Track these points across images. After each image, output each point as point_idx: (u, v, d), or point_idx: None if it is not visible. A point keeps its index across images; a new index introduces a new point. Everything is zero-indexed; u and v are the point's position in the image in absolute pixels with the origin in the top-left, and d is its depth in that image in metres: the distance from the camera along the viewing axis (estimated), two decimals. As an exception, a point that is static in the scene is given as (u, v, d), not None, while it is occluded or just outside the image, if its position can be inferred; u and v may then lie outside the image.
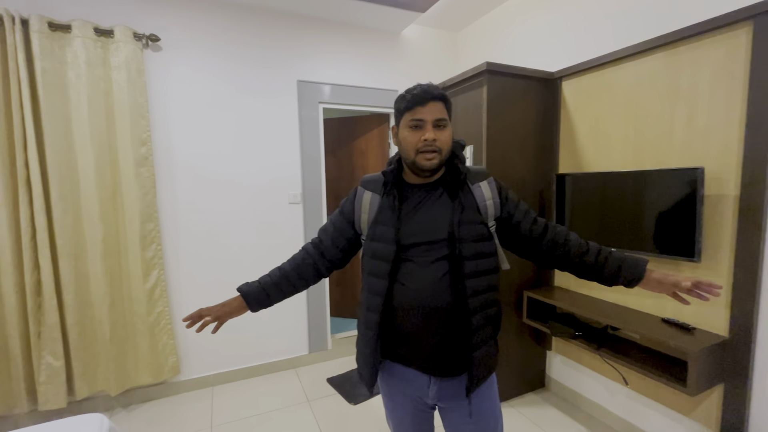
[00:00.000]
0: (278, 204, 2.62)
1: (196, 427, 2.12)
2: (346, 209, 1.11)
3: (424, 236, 0.96)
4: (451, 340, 0.97)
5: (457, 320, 0.95)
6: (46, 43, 1.94)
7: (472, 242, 0.95)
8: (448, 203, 0.98)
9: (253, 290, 1.09)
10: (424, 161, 0.95)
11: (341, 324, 3.30)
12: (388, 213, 1.01)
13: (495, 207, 1.01)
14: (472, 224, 0.97)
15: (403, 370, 1.04)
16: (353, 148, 3.24)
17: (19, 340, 2.00)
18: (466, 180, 1.01)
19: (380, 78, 2.85)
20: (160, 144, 2.29)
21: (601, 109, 1.94)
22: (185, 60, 2.31)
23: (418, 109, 0.93)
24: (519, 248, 1.06)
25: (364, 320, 1.05)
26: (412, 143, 0.95)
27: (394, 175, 1.03)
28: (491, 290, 1.00)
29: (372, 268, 1.01)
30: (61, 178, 2.02)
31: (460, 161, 1.02)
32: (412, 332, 0.97)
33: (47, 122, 1.97)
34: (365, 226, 1.06)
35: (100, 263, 2.12)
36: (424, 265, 0.95)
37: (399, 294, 0.97)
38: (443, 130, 0.95)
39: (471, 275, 0.94)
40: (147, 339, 2.27)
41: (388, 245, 0.98)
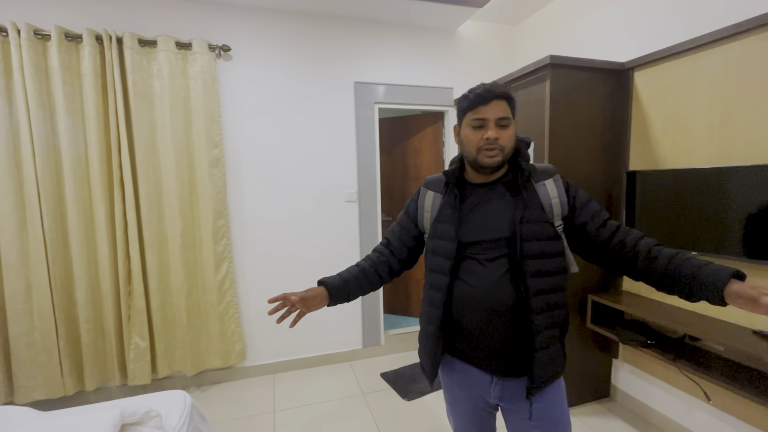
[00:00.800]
0: (335, 202, 2.72)
1: (260, 410, 2.27)
2: (410, 209, 1.16)
3: (485, 234, 0.97)
4: (513, 340, 0.96)
5: (519, 320, 0.94)
6: (136, 58, 2.18)
7: (535, 241, 0.94)
8: (511, 201, 0.98)
9: (335, 283, 1.11)
10: (486, 158, 0.95)
11: (393, 321, 3.34)
12: (448, 211, 1.03)
13: (561, 206, 0.99)
14: (536, 222, 0.95)
15: (464, 366, 1.05)
16: (407, 146, 3.26)
17: (113, 321, 2.27)
18: (530, 178, 0.99)
19: (435, 76, 2.85)
20: (230, 146, 2.48)
21: (681, 101, 1.79)
22: (252, 66, 2.47)
23: (481, 108, 0.94)
24: (586, 251, 1.01)
25: (426, 315, 1.07)
26: (474, 142, 0.96)
27: (455, 175, 1.05)
28: (556, 291, 0.97)
29: (434, 265, 1.05)
30: (147, 178, 2.25)
31: (523, 159, 1.00)
32: (472, 329, 0.98)
33: (137, 129, 2.21)
34: (428, 225, 1.09)
35: (179, 255, 2.33)
36: (485, 262, 0.96)
37: (460, 290, 0.98)
38: (506, 129, 0.95)
39: (533, 274, 0.93)
40: (217, 326, 2.47)
41: (448, 242, 1.00)
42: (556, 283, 0.97)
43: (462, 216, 1.01)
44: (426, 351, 1.09)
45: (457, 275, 0.99)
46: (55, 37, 2.04)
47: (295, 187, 2.63)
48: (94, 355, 2.26)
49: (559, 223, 0.99)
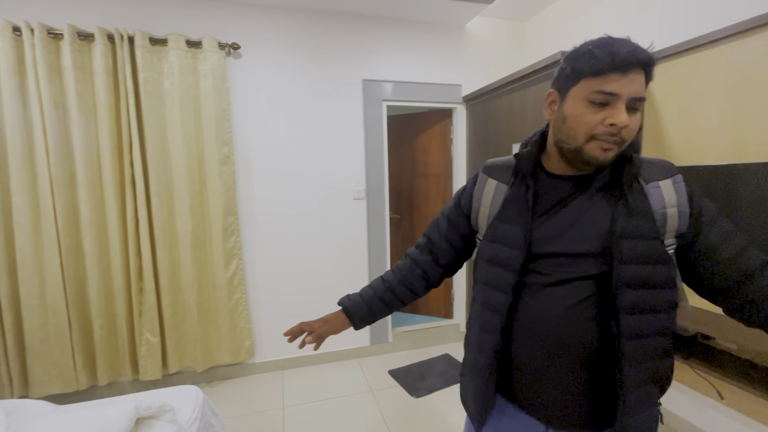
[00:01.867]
0: (343, 199, 2.72)
1: (269, 405, 2.29)
2: (463, 201, 0.90)
3: (562, 245, 0.73)
4: (587, 388, 0.73)
5: (601, 366, 0.71)
6: (147, 57, 2.19)
7: (639, 264, 0.68)
8: (607, 205, 0.72)
9: (356, 306, 0.96)
10: (599, 151, 0.68)
11: (401, 318, 3.35)
12: (516, 209, 0.78)
13: (681, 218, 0.71)
14: (642, 239, 0.69)
15: (512, 410, 0.82)
16: (415, 144, 3.26)
17: (125, 317, 2.30)
18: (639, 176, 0.72)
19: (443, 73, 2.84)
20: (240, 144, 2.49)
21: (695, 97, 1.76)
22: (261, 64, 2.48)
23: (614, 78, 0.64)
24: (702, 286, 0.74)
25: (475, 342, 0.83)
26: (588, 124, 0.67)
27: (532, 161, 0.78)
28: (662, 335, 0.72)
29: (490, 278, 0.80)
30: (158, 176, 2.27)
31: (634, 150, 0.73)
32: (532, 367, 0.75)
33: (148, 127, 2.23)
34: (484, 223, 0.84)
35: (190, 252, 2.36)
36: (556, 282, 0.72)
37: (521, 315, 0.75)
38: (636, 115, 0.67)
39: (630, 310, 0.68)
40: (227, 322, 2.49)
41: (514, 250, 0.76)
42: (662, 324, 0.71)
43: (535, 217, 0.76)
44: (473, 388, 0.84)
45: (519, 295, 0.76)
46: (68, 36, 2.06)
47: (303, 184, 2.64)
48: (107, 350, 2.29)
49: (671, 242, 0.72)
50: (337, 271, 2.75)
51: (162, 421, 1.29)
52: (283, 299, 2.67)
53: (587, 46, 0.69)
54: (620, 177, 0.72)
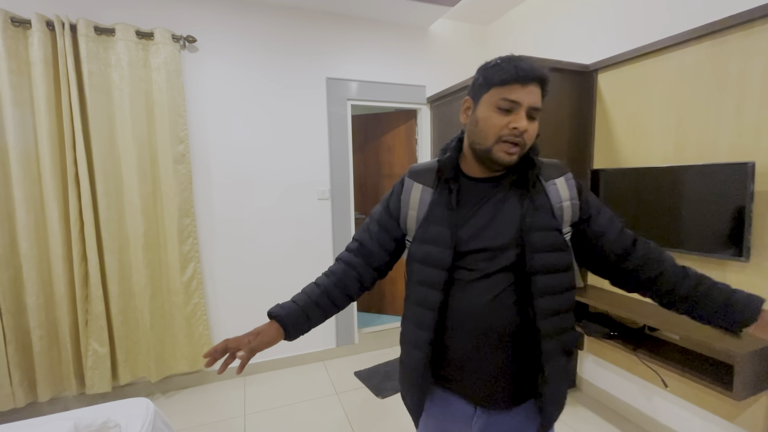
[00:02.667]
0: (307, 200, 2.67)
1: (231, 414, 2.20)
2: (391, 205, 0.94)
3: (485, 241, 0.80)
4: (512, 368, 0.82)
5: (522, 346, 0.80)
6: (92, 47, 2.05)
7: (546, 252, 0.79)
8: (517, 203, 0.81)
9: (291, 314, 0.90)
10: (503, 154, 0.77)
11: (368, 319, 3.33)
12: (442, 210, 0.84)
13: (573, 210, 0.83)
14: (546, 230, 0.80)
15: (445, 395, 0.90)
16: (380, 144, 3.25)
17: (69, 327, 2.13)
18: (539, 176, 0.83)
19: (408, 74, 2.85)
20: (197, 142, 2.38)
21: (641, 103, 1.87)
22: (219, 59, 2.38)
23: (516, 88, 0.74)
24: (595, 264, 0.88)
25: (411, 338, 0.88)
26: (495, 127, 0.76)
27: (453, 165, 0.86)
28: (567, 312, 0.83)
29: (423, 277, 0.85)
30: (106, 174, 2.13)
31: (534, 153, 0.83)
32: (463, 355, 0.82)
33: (93, 122, 2.08)
34: (413, 225, 0.89)
35: (142, 256, 2.22)
36: (482, 276, 0.80)
37: (453, 310, 0.82)
38: (534, 123, 0.78)
39: (542, 293, 0.78)
40: (184, 329, 2.37)
41: (443, 249, 0.82)
42: (566, 303, 0.83)
43: (460, 217, 0.83)
44: (411, 383, 0.90)
45: (450, 291, 0.82)
46: (1, 24, 1.88)
47: (266, 184, 2.56)
48: (48, 363, 2.12)
49: (567, 231, 0.84)
50: (302, 273, 2.69)
51: (105, 438, 1.20)
52: (245, 303, 2.58)
53: (496, 60, 0.79)
54: (526, 177, 0.82)
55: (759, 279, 1.48)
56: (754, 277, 1.49)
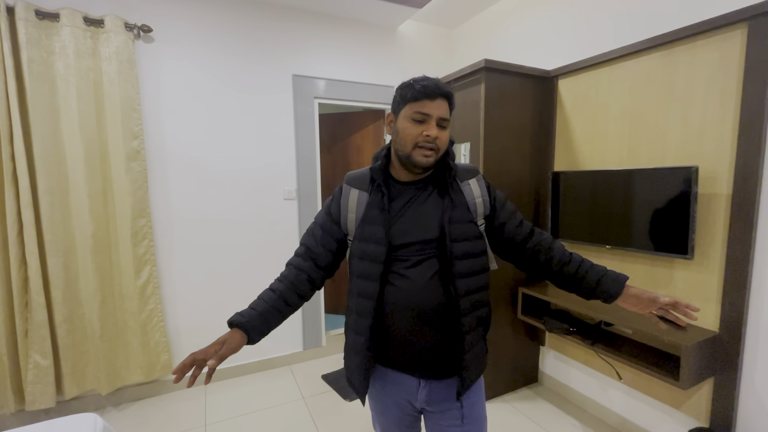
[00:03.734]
0: (273, 200, 2.59)
1: (189, 425, 2.09)
2: (332, 210, 1.04)
3: (415, 235, 0.93)
4: (443, 342, 0.95)
5: (449, 321, 0.94)
6: (33, 32, 1.88)
7: (462, 241, 0.93)
8: (438, 201, 0.96)
9: (252, 319, 0.94)
10: (421, 157, 0.91)
11: (335, 321, 3.29)
12: (376, 212, 0.96)
13: (484, 205, 1.00)
14: (463, 223, 0.95)
15: (393, 374, 1.02)
16: (348, 144, 3.22)
17: (5, 338, 1.95)
18: (456, 177, 0.98)
19: (376, 74, 2.84)
20: (153, 138, 2.24)
21: (598, 108, 1.96)
22: (178, 52, 2.26)
23: (426, 103, 0.89)
24: (502, 250, 1.04)
25: (354, 326, 1.00)
26: (411, 136, 0.91)
27: (382, 171, 0.98)
28: (481, 290, 0.99)
29: (362, 270, 0.97)
30: (49, 171, 1.96)
31: (450, 158, 0.98)
32: (403, 334, 0.94)
33: (34, 114, 1.91)
34: (352, 226, 1.00)
35: (90, 259, 2.07)
36: (414, 265, 0.93)
37: (390, 296, 0.94)
38: (444, 131, 0.93)
39: (461, 275, 0.93)
40: (139, 336, 2.23)
41: (378, 246, 0.94)
42: (481, 283, 0.98)
43: (392, 217, 0.95)
44: (355, 365, 1.00)
45: (387, 280, 0.94)
46: None
47: (229, 183, 2.46)
48: (-20, 379, 1.92)
49: (481, 222, 0.99)
50: (267, 275, 2.60)
51: (45, 459, 1.09)
52: (206, 307, 2.46)
53: (410, 81, 0.93)
54: (445, 179, 0.97)
55: (702, 275, 1.59)
56: (698, 274, 1.60)
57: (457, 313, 0.92)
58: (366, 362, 0.98)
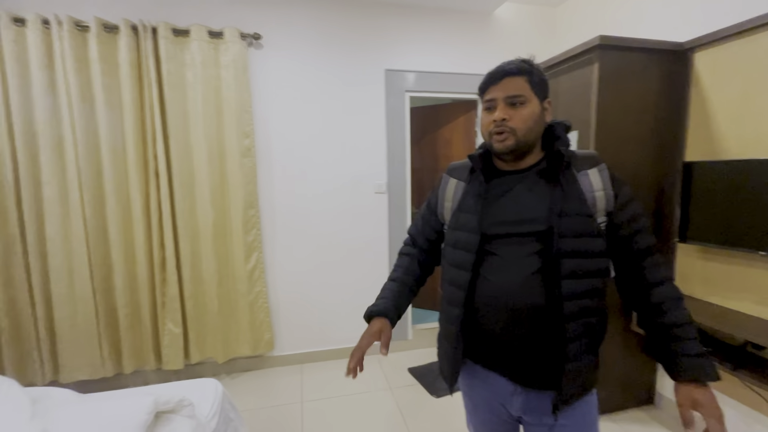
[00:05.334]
0: (365, 193, 2.67)
1: (288, 399, 2.28)
2: (431, 200, 1.08)
3: (513, 227, 0.88)
4: (541, 347, 0.86)
5: (549, 325, 0.85)
6: (170, 48, 2.19)
7: (573, 237, 0.84)
8: (546, 191, 0.87)
9: (387, 308, 1.01)
10: (497, 143, 0.87)
11: (422, 315, 3.29)
12: (471, 200, 0.94)
13: (606, 199, 0.87)
14: (576, 216, 0.85)
15: (485, 373, 0.96)
16: (437, 137, 3.17)
17: (149, 308, 2.33)
18: (571, 166, 0.88)
19: (470, 63, 2.73)
20: (261, 136, 2.47)
21: (750, 85, 1.60)
22: (282, 55, 2.44)
23: (491, 89, 0.87)
24: (614, 255, 0.92)
25: (445, 315, 0.99)
26: (485, 125, 0.89)
27: (482, 160, 0.95)
28: (594, 296, 0.87)
29: (453, 259, 0.95)
30: (181, 168, 2.28)
31: (561, 144, 0.90)
32: (495, 332, 0.89)
33: (171, 119, 2.23)
34: (448, 215, 1.00)
35: (210, 245, 2.36)
36: (511, 259, 0.87)
37: (482, 289, 0.89)
38: (519, 108, 0.85)
39: (569, 275, 0.83)
40: (247, 315, 2.49)
41: (471, 234, 0.91)
42: (594, 286, 0.86)
43: (486, 205, 0.91)
44: (445, 354, 1.00)
45: (479, 271, 0.90)
46: (95, 29, 2.07)
47: (324, 177, 2.60)
48: (131, 339, 2.33)
49: (602, 219, 0.88)
50: (358, 265, 2.71)
51: (181, 415, 1.28)
52: (303, 293, 2.65)
53: None
54: (555, 168, 0.88)
55: None
56: None
57: (560, 317, 0.83)
58: (455, 352, 0.96)
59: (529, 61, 0.89)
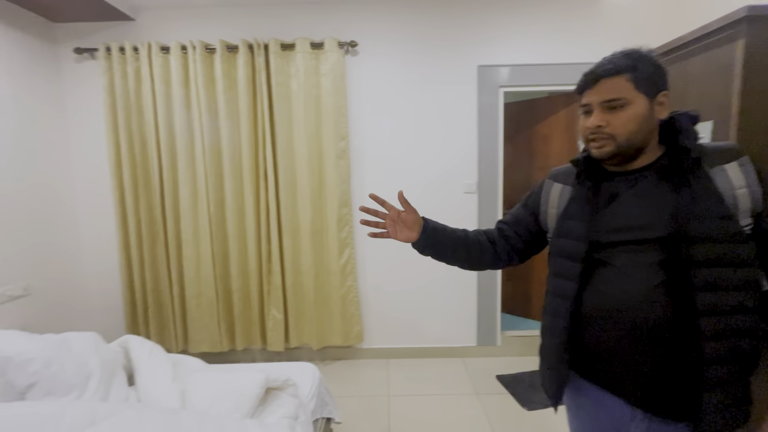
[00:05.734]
0: (453, 193, 2.64)
1: (375, 392, 2.36)
2: (530, 203, 1.03)
3: (629, 233, 0.79)
4: (671, 369, 0.76)
5: (681, 344, 0.74)
6: (279, 62, 2.43)
7: (709, 243, 0.72)
8: (670, 192, 0.78)
9: (433, 225, 1.07)
10: (594, 150, 0.82)
11: (512, 321, 3.13)
12: (578, 205, 0.88)
13: (752, 199, 0.74)
14: (712, 219, 0.73)
15: (596, 392, 0.87)
16: (534, 133, 2.98)
17: (257, 294, 2.62)
18: (701, 162, 0.77)
19: (572, 51, 2.51)
20: (354, 138, 2.60)
21: None
22: (375, 59, 2.54)
23: (586, 93, 0.81)
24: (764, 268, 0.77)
25: (549, 326, 0.94)
26: (582, 130, 0.85)
27: (587, 162, 0.88)
28: (743, 313, 0.73)
29: (558, 269, 0.90)
30: (285, 170, 2.52)
31: (687, 137, 0.79)
32: (611, 348, 0.81)
33: (277, 126, 2.48)
34: (552, 222, 0.95)
35: (309, 240, 2.56)
36: (629, 269, 0.78)
37: (592, 300, 0.82)
38: (618, 112, 0.78)
39: (705, 287, 0.72)
40: (339, 307, 2.65)
41: (577, 242, 0.85)
42: (742, 302, 0.73)
43: (596, 211, 0.84)
44: (549, 368, 0.94)
45: (588, 282, 0.83)
46: (219, 50, 2.40)
47: (414, 176, 2.63)
48: (243, 320, 2.65)
49: (747, 222, 0.74)
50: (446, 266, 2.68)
51: (286, 393, 1.42)
52: (392, 289, 2.73)
53: None
54: (680, 166, 0.78)
55: None
56: None
57: (695, 335, 0.73)
58: (559, 366, 0.90)
59: (636, 52, 0.80)
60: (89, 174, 2.62)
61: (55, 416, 0.89)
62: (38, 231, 2.34)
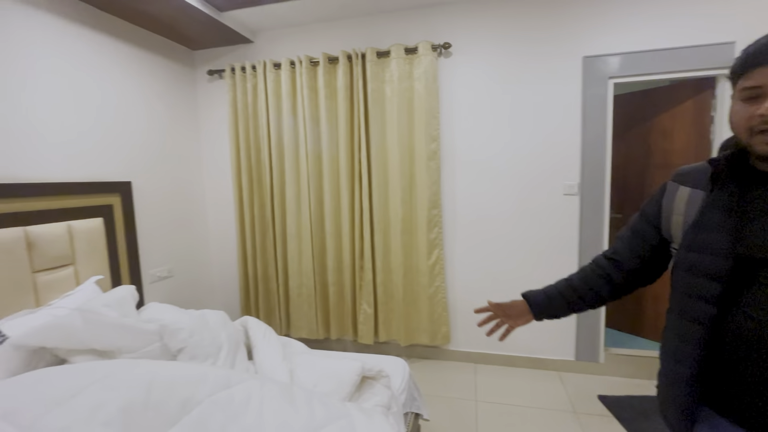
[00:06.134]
0: (550, 195, 2.47)
1: (462, 395, 2.34)
2: (649, 211, 0.92)
3: None
4: None
5: None
6: (374, 69, 2.55)
7: None
8: None
9: (537, 299, 1.06)
10: (762, 145, 0.68)
11: (618, 338, 2.82)
12: (718, 214, 0.75)
13: None
14: None
15: (733, 430, 0.75)
16: (650, 128, 2.64)
17: (350, 289, 2.79)
18: None
19: (701, 30, 2.16)
20: (445, 139, 2.60)
21: None
22: (469, 59, 2.51)
23: (754, 73, 0.67)
24: None
25: (672, 351, 0.83)
26: (742, 120, 0.70)
27: (730, 163, 0.76)
28: None
29: (690, 287, 0.78)
30: (378, 171, 2.63)
31: None
32: (757, 383, 0.69)
33: (372, 130, 2.61)
34: (678, 232, 0.83)
35: (399, 239, 2.64)
36: None
37: (740, 328, 0.71)
38: None
39: None
40: (427, 307, 2.68)
41: (717, 259, 0.73)
42: None
43: (745, 221, 0.72)
44: (671, 398, 0.84)
45: (736, 305, 0.71)
46: (322, 62, 2.62)
47: (506, 178, 2.54)
48: (337, 312, 2.85)
49: None
50: (540, 273, 2.54)
51: (380, 384, 1.49)
52: (480, 294, 2.67)
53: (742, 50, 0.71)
54: None
55: None
56: None
57: None
58: (687, 398, 0.80)
59: None
60: (216, 177, 3.07)
61: (201, 376, 1.09)
62: (179, 225, 2.83)
